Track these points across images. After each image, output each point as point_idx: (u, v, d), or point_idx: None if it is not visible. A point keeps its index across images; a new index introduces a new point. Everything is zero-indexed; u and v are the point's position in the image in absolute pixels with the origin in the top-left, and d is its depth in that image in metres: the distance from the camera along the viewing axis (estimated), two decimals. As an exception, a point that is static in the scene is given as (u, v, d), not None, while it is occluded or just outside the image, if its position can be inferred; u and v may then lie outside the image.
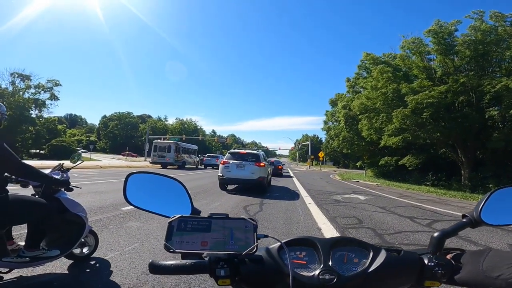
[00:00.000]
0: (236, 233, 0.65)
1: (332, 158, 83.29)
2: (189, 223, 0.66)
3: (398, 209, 8.93)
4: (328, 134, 44.23)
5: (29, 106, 45.28)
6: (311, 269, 0.67)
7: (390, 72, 19.52)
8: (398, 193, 14.91)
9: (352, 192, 13.46)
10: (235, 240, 0.65)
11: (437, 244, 0.71)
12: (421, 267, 0.68)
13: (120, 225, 5.10)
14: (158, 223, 5.30)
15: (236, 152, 11.22)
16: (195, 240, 0.64)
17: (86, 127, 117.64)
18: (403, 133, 18.31)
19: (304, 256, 0.70)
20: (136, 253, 3.71)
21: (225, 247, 0.64)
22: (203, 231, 0.65)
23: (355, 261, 0.69)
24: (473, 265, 0.62)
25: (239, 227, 0.66)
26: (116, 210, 6.27)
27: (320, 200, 9.86)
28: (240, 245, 0.64)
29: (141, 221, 5.40)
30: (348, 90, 35.17)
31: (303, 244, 0.72)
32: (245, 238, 0.65)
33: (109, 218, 5.50)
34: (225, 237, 0.65)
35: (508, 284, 0.55)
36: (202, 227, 0.66)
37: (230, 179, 10.42)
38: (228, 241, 0.64)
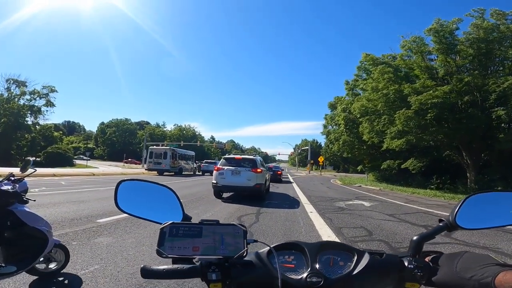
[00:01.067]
0: (226, 238, 0.67)
1: (332, 163, 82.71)
2: (180, 229, 0.68)
3: (408, 217, 8.18)
4: (327, 138, 43.51)
5: (24, 112, 44.48)
6: (299, 272, 0.70)
7: (391, 73, 18.87)
8: (403, 198, 14.15)
9: (356, 198, 12.69)
10: (226, 245, 0.67)
11: (416, 247, 0.73)
12: (402, 269, 0.70)
13: (87, 240, 4.34)
14: (135, 238, 4.54)
15: (231, 157, 10.46)
16: (186, 245, 0.66)
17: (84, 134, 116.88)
18: (406, 136, 17.55)
19: (293, 260, 0.73)
20: (92, 278, 2.96)
21: (216, 252, 0.66)
22: (195, 237, 0.67)
23: (341, 264, 0.72)
24: (448, 267, 0.65)
25: (229, 233, 0.68)
26: (89, 222, 5.50)
27: (322, 207, 9.09)
28: (231, 250, 0.66)
29: (115, 236, 4.63)
30: (347, 93, 34.57)
31: (291, 248, 0.76)
32: (235, 243, 0.67)
33: (77, 232, 4.73)
34: (216, 242, 0.67)
35: (481, 284, 0.56)
36: (194, 232, 0.67)
37: (225, 186, 9.64)
38: (218, 246, 0.66)
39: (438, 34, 18.46)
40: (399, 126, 17.15)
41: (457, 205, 0.77)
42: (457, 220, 0.75)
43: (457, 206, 0.77)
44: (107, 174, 23.32)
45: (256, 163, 10.01)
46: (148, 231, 4.96)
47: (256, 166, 9.84)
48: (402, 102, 18.17)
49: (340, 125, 32.55)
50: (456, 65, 18.75)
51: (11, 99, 44.56)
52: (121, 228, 5.20)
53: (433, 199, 14.06)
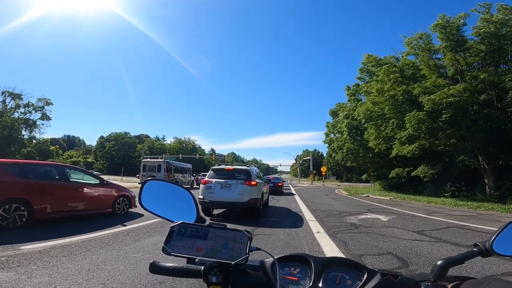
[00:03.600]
0: (230, 243, 0.68)
1: (334, 173, 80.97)
2: (188, 230, 0.70)
3: (443, 234, 6.59)
4: (330, 147, 41.95)
5: (18, 126, 43.26)
6: (302, 286, 0.69)
7: (397, 72, 17.53)
8: (421, 208, 12.51)
9: (368, 211, 11.07)
10: (228, 249, 0.67)
11: (439, 272, 0.68)
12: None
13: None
14: (50, 277, 2.97)
15: (221, 168, 8.90)
16: (191, 246, 0.68)
17: (84, 149, 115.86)
18: (418, 140, 15.99)
19: (298, 273, 0.72)
20: None
21: (217, 255, 0.66)
22: (200, 238, 0.69)
23: (348, 283, 0.69)
24: None
25: (234, 238, 0.69)
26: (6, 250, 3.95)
27: (331, 225, 7.51)
28: (232, 255, 0.66)
29: (20, 273, 3.06)
30: (349, 99, 33.30)
31: (298, 261, 0.74)
32: (238, 248, 0.67)
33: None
34: (219, 245, 0.67)
35: None
36: (200, 234, 0.69)
37: (213, 202, 8.06)
38: (221, 250, 0.67)
39: (445, 31, 17.25)
40: (410, 130, 15.68)
41: (498, 229, 0.72)
42: (494, 246, 0.69)
43: (497, 230, 0.71)
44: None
45: (251, 175, 8.47)
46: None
47: (250, 178, 8.31)
48: (412, 104, 16.79)
49: (343, 133, 31.08)
50: (466, 63, 17.47)
51: (5, 112, 43.50)
52: (27, 260, 3.62)
53: (457, 209, 12.40)
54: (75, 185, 7.10)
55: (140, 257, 4.09)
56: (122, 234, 5.65)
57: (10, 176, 5.99)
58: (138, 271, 3.50)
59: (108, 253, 4.28)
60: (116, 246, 4.72)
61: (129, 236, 5.49)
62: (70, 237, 5.15)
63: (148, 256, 4.19)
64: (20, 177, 6.14)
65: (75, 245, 4.63)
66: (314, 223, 7.67)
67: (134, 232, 5.92)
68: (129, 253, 4.33)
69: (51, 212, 6.37)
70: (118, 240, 5.12)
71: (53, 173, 6.99)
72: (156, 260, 0.70)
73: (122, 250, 4.45)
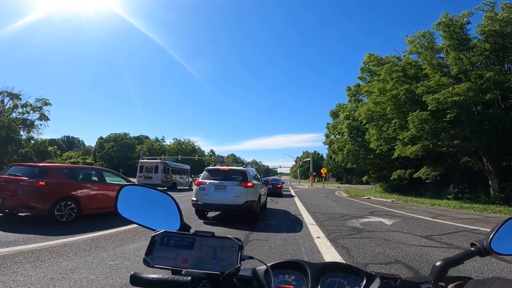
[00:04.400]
0: (219, 253, 0.63)
1: (334, 174, 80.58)
2: (172, 239, 0.65)
3: (453, 239, 6.12)
4: (330, 148, 41.52)
5: (15, 126, 42.75)
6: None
7: (400, 71, 17.08)
8: (426, 211, 12.04)
9: (370, 214, 10.60)
10: (218, 259, 0.63)
11: (438, 274, 0.67)
12: None
13: None
14: None
15: (216, 169, 8.39)
16: (175, 256, 0.63)
17: (83, 149, 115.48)
18: (422, 141, 15.50)
19: (293, 281, 0.68)
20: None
21: (206, 266, 0.62)
22: (186, 248, 0.64)
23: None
24: None
25: (223, 247, 0.64)
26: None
27: (331, 229, 7.04)
28: (222, 265, 0.62)
29: None
30: (349, 100, 32.87)
31: (293, 267, 0.70)
32: (228, 258, 0.63)
33: None
34: (208, 255, 0.63)
35: None
36: (185, 243, 0.64)
37: (207, 205, 7.58)
38: (210, 260, 0.62)
39: (448, 29, 16.85)
40: (413, 130, 15.20)
41: (494, 228, 0.71)
42: (493, 245, 0.68)
43: (494, 229, 0.70)
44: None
45: (247, 176, 7.97)
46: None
47: (246, 179, 7.80)
48: (414, 104, 16.33)
49: (343, 134, 30.63)
50: (470, 62, 17.05)
51: (3, 112, 43.01)
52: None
53: (462, 212, 11.92)
54: (110, 186, 8.03)
55: (116, 265, 3.62)
56: (104, 238, 5.18)
57: (64, 178, 7.01)
58: (110, 282, 3.03)
59: (81, 259, 3.81)
60: (93, 251, 4.25)
61: (111, 241, 5.01)
62: (44, 241, 4.68)
63: (126, 264, 3.72)
64: (71, 179, 7.18)
65: (47, 250, 4.16)
66: (314, 227, 7.19)
67: (118, 236, 5.44)
68: (106, 260, 3.86)
69: (93, 209, 7.33)
70: (97, 245, 4.65)
71: (94, 176, 8.14)
72: (137, 270, 0.63)
73: (98, 257, 3.97)
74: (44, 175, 6.68)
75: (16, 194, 6.22)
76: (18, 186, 6.29)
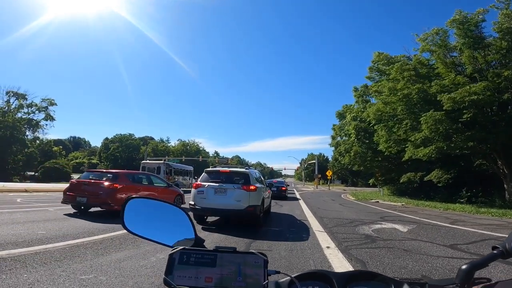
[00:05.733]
0: (244, 269, 0.61)
1: (339, 177, 79.44)
2: (192, 256, 0.62)
3: (482, 248, 5.45)
4: (336, 150, 40.69)
5: (19, 126, 42.76)
6: None
7: (411, 70, 16.30)
8: (441, 216, 11.29)
9: (382, 219, 9.87)
10: (243, 276, 0.60)
11: (465, 277, 0.66)
12: None
13: None
14: None
15: (215, 171, 7.73)
16: (198, 275, 0.60)
17: (89, 150, 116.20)
18: (436, 142, 14.67)
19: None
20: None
21: (231, 284, 0.59)
22: (208, 265, 0.61)
23: None
24: None
25: (247, 262, 0.62)
26: None
27: (342, 237, 6.36)
28: (249, 283, 0.59)
29: None
30: (356, 100, 32.10)
31: (316, 278, 0.68)
32: (254, 274, 0.60)
33: None
34: (233, 273, 0.60)
35: None
36: (207, 261, 0.61)
37: (205, 209, 6.91)
38: (235, 278, 0.60)
39: (462, 27, 16.07)
40: (426, 131, 14.39)
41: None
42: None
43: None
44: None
45: (249, 178, 7.29)
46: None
47: (248, 182, 7.14)
48: (427, 104, 15.54)
49: (350, 135, 29.83)
50: (485, 61, 16.22)
51: (8, 112, 43.10)
52: None
53: (481, 217, 11.12)
54: (157, 187, 9.83)
55: (88, 281, 3.02)
56: (84, 246, 4.58)
57: (129, 181, 8.70)
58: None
59: (47, 272, 3.21)
60: (67, 261, 3.65)
61: (92, 249, 4.41)
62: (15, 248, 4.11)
63: (101, 279, 3.11)
64: (133, 182, 8.89)
65: (13, 259, 3.57)
66: (322, 235, 6.52)
67: (103, 243, 4.85)
68: (78, 273, 3.25)
69: None
70: (74, 254, 4.05)
71: (146, 179, 9.79)
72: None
73: (70, 269, 3.37)
74: (116, 180, 8.30)
75: (98, 195, 7.82)
76: (99, 188, 7.97)
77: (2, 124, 40.05)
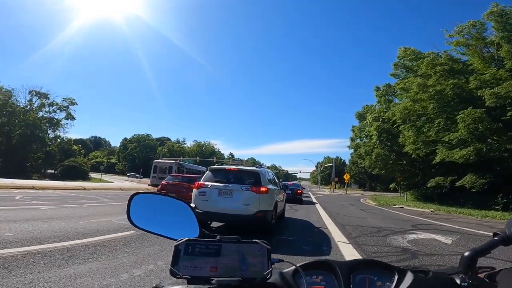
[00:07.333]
0: (248, 258, 0.62)
1: (357, 181, 76.89)
2: (197, 247, 0.63)
3: None
4: (356, 153, 38.93)
5: (39, 124, 43.75)
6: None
7: (445, 64, 14.75)
8: (481, 224, 9.92)
9: (414, 228, 8.52)
10: (247, 265, 0.61)
11: (468, 264, 0.67)
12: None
13: None
14: None
15: (221, 169, 6.72)
16: (203, 265, 0.61)
17: (108, 150, 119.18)
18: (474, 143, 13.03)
19: (322, 281, 0.67)
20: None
21: (236, 273, 0.60)
22: (213, 256, 0.62)
23: (378, 284, 0.67)
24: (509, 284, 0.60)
25: (251, 252, 0.62)
26: None
27: (372, 250, 5.17)
28: (253, 271, 0.60)
29: None
30: (378, 100, 30.40)
31: (320, 267, 0.70)
32: (258, 263, 0.61)
33: None
34: (237, 262, 0.61)
35: None
36: (211, 251, 0.62)
37: (207, 213, 5.81)
38: (239, 267, 0.61)
39: (501, 19, 14.42)
40: (463, 131, 12.79)
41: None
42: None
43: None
44: (100, 189, 20.53)
45: (260, 178, 6.21)
46: None
47: (259, 183, 6.06)
48: (463, 101, 13.94)
49: (371, 137, 28.18)
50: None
51: (30, 111, 44.31)
52: None
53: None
54: None
55: None
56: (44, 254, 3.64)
57: None
58: None
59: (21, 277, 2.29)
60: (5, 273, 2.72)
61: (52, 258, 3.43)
62: None
63: None
64: None
65: None
66: (347, 247, 5.35)
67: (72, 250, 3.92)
68: None
69: None
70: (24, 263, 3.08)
71: None
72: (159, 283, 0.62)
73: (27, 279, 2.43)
74: (192, 181, 10.45)
75: (182, 192, 10.72)
76: (182, 187, 11.48)
77: (23, 123, 41.04)
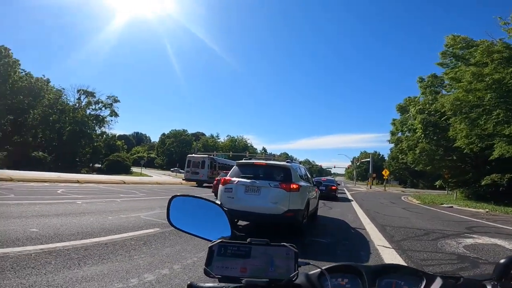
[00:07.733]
0: (276, 260, 0.64)
1: (397, 177, 72.42)
2: (229, 248, 0.66)
3: None
4: (397, 148, 36.40)
5: (87, 121, 47.27)
6: None
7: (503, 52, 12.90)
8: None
9: (470, 231, 7.46)
10: (275, 267, 0.63)
11: (503, 271, 0.65)
12: None
13: None
14: None
15: (249, 163, 6.27)
16: (234, 266, 0.64)
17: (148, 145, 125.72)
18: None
19: (347, 283, 0.68)
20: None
21: (264, 274, 0.63)
22: (243, 257, 0.65)
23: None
24: None
25: (279, 254, 0.65)
26: None
27: (420, 258, 4.47)
28: (280, 273, 0.62)
29: None
30: (422, 92, 27.92)
31: (345, 271, 0.70)
32: (286, 265, 0.63)
33: None
34: (265, 263, 0.64)
35: None
36: (242, 253, 0.65)
37: (233, 211, 5.29)
38: (267, 268, 0.63)
39: None
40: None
41: None
42: None
43: None
44: (138, 183, 21.47)
45: (291, 174, 5.68)
46: None
47: (289, 179, 5.55)
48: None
49: (416, 130, 26.00)
50: None
51: (78, 109, 48.14)
52: None
53: None
54: None
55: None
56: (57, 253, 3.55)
57: None
58: None
59: None
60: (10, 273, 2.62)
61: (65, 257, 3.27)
62: None
63: None
64: None
65: None
66: (389, 253, 4.70)
67: (88, 249, 3.81)
68: None
69: None
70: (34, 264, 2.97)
71: None
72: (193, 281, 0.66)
73: None
74: None
75: None
76: None
77: (72, 120, 44.57)
